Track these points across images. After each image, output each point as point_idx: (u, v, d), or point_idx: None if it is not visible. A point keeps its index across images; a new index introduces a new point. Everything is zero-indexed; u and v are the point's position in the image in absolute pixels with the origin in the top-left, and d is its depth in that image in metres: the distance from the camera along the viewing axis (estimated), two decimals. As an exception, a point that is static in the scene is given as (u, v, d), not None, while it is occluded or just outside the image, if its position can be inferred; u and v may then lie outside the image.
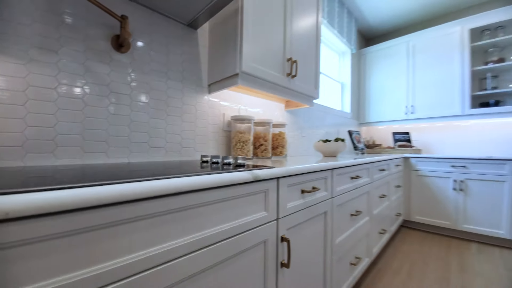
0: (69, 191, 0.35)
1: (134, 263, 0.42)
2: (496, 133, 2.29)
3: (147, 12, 1.00)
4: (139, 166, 0.73)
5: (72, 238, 0.36)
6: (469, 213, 2.03)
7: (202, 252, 0.53)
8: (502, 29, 2.20)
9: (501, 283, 1.41)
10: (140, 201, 0.43)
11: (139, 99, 0.98)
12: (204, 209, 0.55)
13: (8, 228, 0.30)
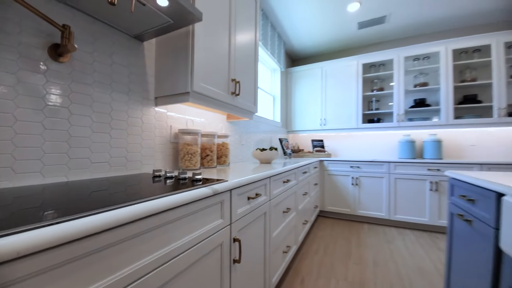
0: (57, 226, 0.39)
1: (113, 283, 0.47)
2: (379, 142, 3.15)
3: (89, 20, 0.95)
4: (82, 186, 0.72)
5: (58, 270, 0.40)
6: (362, 202, 2.73)
7: (170, 263, 0.61)
8: (383, 66, 3.06)
9: (383, 251, 2.00)
10: (113, 228, 0.47)
11: (79, 113, 0.92)
12: (171, 225, 0.63)
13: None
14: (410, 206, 2.49)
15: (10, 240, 0.33)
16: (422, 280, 1.56)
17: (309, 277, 1.59)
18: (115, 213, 0.47)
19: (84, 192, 0.65)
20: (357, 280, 1.56)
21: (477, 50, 2.57)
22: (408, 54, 2.73)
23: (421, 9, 2.44)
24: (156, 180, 0.88)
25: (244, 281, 1.01)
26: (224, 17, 1.36)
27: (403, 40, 3.06)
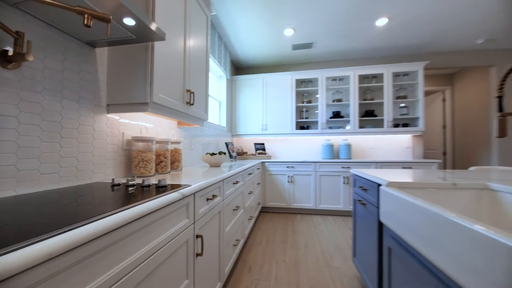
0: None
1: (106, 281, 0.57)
2: (308, 145, 3.74)
3: (41, 25, 0.92)
4: (33, 201, 0.74)
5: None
6: (296, 196, 3.21)
7: (148, 260, 0.71)
8: (311, 82, 3.66)
9: (311, 235, 2.45)
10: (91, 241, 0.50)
11: (28, 122, 0.88)
12: (150, 227, 0.75)
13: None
14: (330, 197, 3.11)
15: None
16: (339, 253, 2.04)
17: (255, 265, 1.84)
18: (100, 223, 0.57)
19: (37, 208, 0.68)
20: (292, 260, 1.91)
21: (374, 76, 3.43)
22: (328, 75, 3.39)
23: (338, 41, 3.09)
24: (117, 189, 0.92)
25: (204, 272, 1.16)
26: (180, 31, 1.46)
27: (326, 63, 3.75)
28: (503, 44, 3.21)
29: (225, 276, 1.48)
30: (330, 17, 2.52)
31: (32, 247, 0.39)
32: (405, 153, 3.46)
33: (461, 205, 1.02)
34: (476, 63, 3.38)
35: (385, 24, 2.65)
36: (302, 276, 1.68)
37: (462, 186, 1.02)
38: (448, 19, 2.58)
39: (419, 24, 2.68)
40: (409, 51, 3.44)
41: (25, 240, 0.41)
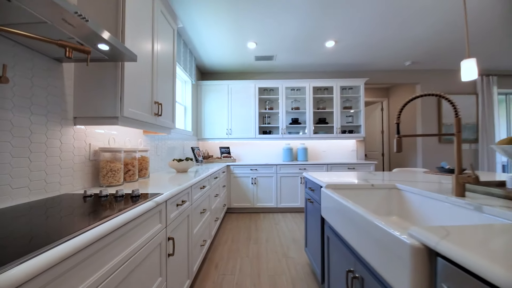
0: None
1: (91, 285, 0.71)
2: (270, 149, 4.03)
3: (11, 43, 0.94)
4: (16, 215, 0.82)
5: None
6: (259, 196, 3.46)
7: (126, 264, 0.85)
8: (272, 91, 3.96)
9: (272, 231, 2.71)
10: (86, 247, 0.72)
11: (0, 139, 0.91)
12: (129, 233, 0.87)
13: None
14: (289, 196, 3.44)
15: None
16: (295, 245, 2.34)
17: (221, 262, 2.01)
18: (79, 238, 0.69)
19: (20, 222, 0.76)
20: (255, 254, 2.13)
21: (326, 88, 3.90)
22: (288, 85, 3.73)
23: (295, 56, 3.44)
24: (90, 200, 1.01)
25: (175, 270, 1.29)
26: (148, 46, 1.55)
27: (286, 73, 4.10)
28: (425, 66, 3.98)
29: (194, 274, 1.62)
30: (287, 36, 2.83)
31: (31, 261, 0.51)
32: (350, 155, 4.01)
33: (377, 200, 1.36)
34: (405, 81, 4.11)
35: (333, 46, 3.07)
36: (263, 267, 1.91)
37: (378, 186, 1.36)
38: (383, 46, 3.12)
39: (360, 48, 3.18)
40: (353, 69, 4.00)
41: (27, 254, 0.52)
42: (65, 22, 0.81)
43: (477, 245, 0.48)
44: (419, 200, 1.17)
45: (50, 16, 0.77)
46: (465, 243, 0.49)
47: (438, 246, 0.52)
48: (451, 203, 0.97)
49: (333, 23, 2.54)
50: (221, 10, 2.32)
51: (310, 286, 1.65)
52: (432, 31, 2.74)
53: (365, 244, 0.83)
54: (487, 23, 2.57)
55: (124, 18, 1.26)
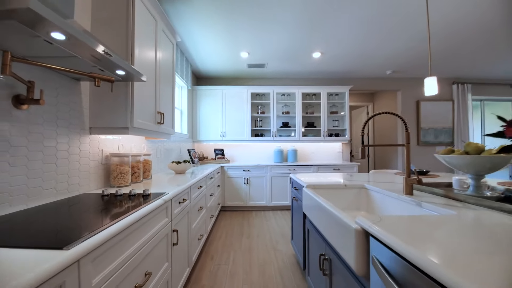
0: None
1: (125, 258, 0.92)
2: (262, 151, 4.27)
3: (41, 69, 1.14)
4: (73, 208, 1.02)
5: (104, 254, 0.84)
6: (251, 195, 3.69)
7: (144, 248, 1.07)
8: (264, 96, 4.19)
9: (263, 227, 2.95)
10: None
11: (34, 149, 1.10)
12: (145, 225, 1.09)
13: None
14: (279, 195, 3.69)
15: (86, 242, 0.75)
16: (283, 239, 2.59)
17: (216, 254, 2.23)
18: (126, 220, 0.91)
19: (67, 215, 0.97)
20: (247, 248, 2.37)
21: (314, 94, 4.16)
22: (278, 91, 3.98)
23: (285, 65, 3.69)
24: (106, 199, 1.21)
25: (178, 257, 1.51)
26: (152, 62, 1.75)
27: (277, 80, 4.34)
28: (405, 75, 4.30)
29: (192, 263, 1.84)
30: (277, 47, 3.06)
31: (99, 234, 0.73)
32: (337, 156, 4.29)
33: (349, 198, 1.61)
34: (387, 88, 4.42)
35: (319, 56, 3.33)
36: (254, 258, 2.15)
37: (350, 186, 1.61)
38: (365, 57, 3.40)
39: (344, 59, 3.45)
40: (339, 76, 4.29)
41: (94, 230, 0.74)
42: (93, 57, 1.02)
43: (394, 228, 0.73)
44: (381, 197, 1.43)
45: (82, 53, 0.98)
46: (387, 227, 0.73)
47: (369, 228, 0.76)
48: (401, 200, 1.23)
49: (319, 37, 2.79)
50: (217, 23, 2.53)
51: (294, 273, 1.90)
52: (409, 46, 3.03)
53: (331, 232, 1.08)
54: (461, 39, 2.88)
55: (133, 41, 1.47)
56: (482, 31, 2.67)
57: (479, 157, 1.06)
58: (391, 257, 0.65)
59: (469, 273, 0.44)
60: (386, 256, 0.67)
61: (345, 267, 0.99)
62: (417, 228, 0.70)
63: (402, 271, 0.60)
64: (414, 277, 0.55)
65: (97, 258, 0.72)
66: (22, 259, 0.55)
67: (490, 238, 0.62)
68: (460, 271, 0.45)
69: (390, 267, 0.65)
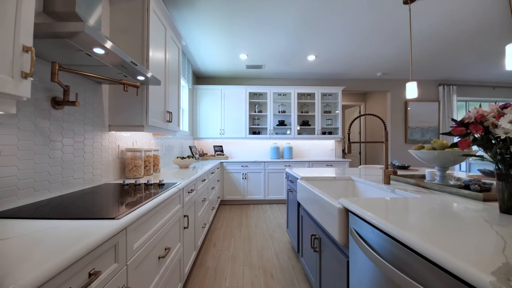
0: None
1: (153, 232, 1.12)
2: (259, 147, 4.48)
3: (72, 75, 1.31)
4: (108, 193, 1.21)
5: (144, 223, 1.04)
6: (249, 190, 3.90)
7: (164, 227, 1.27)
8: (261, 95, 4.39)
9: (261, 219, 3.17)
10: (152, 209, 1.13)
11: (66, 143, 1.28)
12: (164, 208, 1.29)
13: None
14: (276, 189, 3.91)
15: (134, 212, 0.95)
16: (279, 228, 2.81)
17: (218, 242, 2.44)
18: (154, 201, 1.11)
19: (109, 198, 1.16)
20: (246, 236, 2.58)
21: (309, 94, 4.38)
22: (275, 91, 4.18)
23: (282, 66, 3.89)
24: (127, 188, 1.40)
25: (188, 240, 1.71)
26: (162, 66, 1.93)
27: (273, 80, 4.54)
28: (394, 76, 4.55)
29: (198, 248, 2.04)
30: (274, 50, 3.26)
31: (141, 208, 0.93)
32: (330, 153, 4.54)
33: (338, 189, 1.84)
34: (377, 89, 4.67)
35: (314, 59, 3.55)
36: (253, 244, 2.36)
37: (338, 178, 1.84)
38: (357, 61, 3.63)
39: (337, 62, 3.68)
40: (332, 77, 4.51)
41: (135, 206, 0.93)
42: (121, 66, 1.20)
43: (368, 206, 0.94)
44: (364, 187, 1.66)
45: (113, 63, 1.16)
46: (363, 205, 0.95)
47: (348, 206, 0.98)
48: (379, 188, 1.45)
49: (313, 41, 3.00)
50: (218, 27, 2.70)
51: (289, 256, 2.12)
52: (398, 50, 3.27)
53: (321, 214, 1.29)
54: (446, 44, 3.12)
55: (148, 48, 1.64)
56: (467, 37, 2.91)
57: (443, 152, 1.29)
58: (364, 227, 0.86)
59: (419, 234, 0.66)
60: (361, 227, 0.89)
61: (331, 241, 1.21)
62: (385, 206, 0.92)
63: (372, 237, 0.81)
64: (381, 240, 0.77)
65: (137, 228, 0.91)
66: (89, 226, 0.74)
67: (443, 214, 0.84)
68: (414, 234, 0.67)
69: (364, 235, 0.87)
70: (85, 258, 0.61)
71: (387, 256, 0.71)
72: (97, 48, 0.99)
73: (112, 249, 0.75)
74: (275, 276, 1.81)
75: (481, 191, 1.12)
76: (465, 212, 0.82)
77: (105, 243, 0.70)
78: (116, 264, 0.77)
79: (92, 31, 0.88)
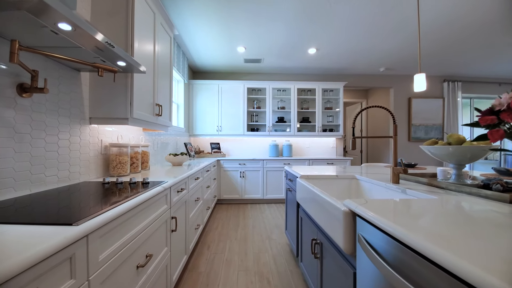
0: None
1: (127, 239, 0.98)
2: (258, 145, 4.33)
3: (43, 59, 1.17)
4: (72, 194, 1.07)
5: (110, 232, 0.89)
6: (247, 189, 3.76)
7: (145, 231, 1.13)
8: (260, 91, 4.24)
9: (258, 219, 3.03)
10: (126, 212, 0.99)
11: (37, 136, 1.14)
12: (146, 209, 1.14)
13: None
14: (274, 188, 3.77)
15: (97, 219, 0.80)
16: (277, 229, 2.67)
17: (213, 244, 2.30)
18: (130, 202, 0.96)
19: (78, 197, 1.02)
20: (243, 237, 2.44)
21: (309, 90, 4.23)
22: (274, 86, 4.03)
23: (281, 60, 3.74)
24: (108, 187, 1.26)
25: (176, 244, 1.57)
26: (151, 55, 1.78)
27: (273, 75, 4.38)
28: (397, 72, 4.39)
29: (190, 251, 1.90)
30: (274, 43, 3.11)
31: (107, 213, 0.78)
32: (331, 151, 4.39)
33: (340, 188, 1.69)
34: (380, 85, 4.52)
35: (315, 52, 3.39)
36: (249, 247, 2.22)
37: (341, 177, 1.69)
38: (359, 55, 3.47)
39: (338, 56, 3.52)
40: (333, 72, 4.36)
41: (101, 210, 0.79)
42: (96, 48, 1.05)
43: (379, 209, 0.80)
44: (370, 186, 1.52)
45: (85, 44, 1.01)
46: (372, 208, 0.81)
47: (356, 209, 0.84)
48: (388, 188, 1.31)
49: (314, 34, 2.85)
50: (214, 17, 2.55)
51: (288, 260, 1.98)
52: (402, 44, 3.11)
53: (322, 216, 1.15)
54: (450, 41, 2.97)
55: (133, 33, 1.49)
56: (473, 32, 2.76)
57: (460, 147, 1.14)
58: (376, 234, 0.72)
59: (445, 245, 0.52)
60: (371, 234, 0.75)
61: (335, 248, 1.07)
62: (399, 209, 0.78)
63: (386, 247, 0.67)
64: (397, 250, 0.62)
65: (104, 235, 0.77)
66: (38, 233, 0.60)
67: (467, 219, 0.69)
68: (439, 244, 0.53)
69: (375, 243, 0.72)
70: (21, 276, 0.47)
71: (409, 273, 0.56)
72: (62, 24, 0.84)
73: (67, 262, 0.61)
74: (272, 282, 1.67)
75: (504, 191, 0.99)
76: (497, 216, 0.68)
77: (55, 255, 0.56)
78: (72, 280, 0.62)
79: (51, 0, 0.73)
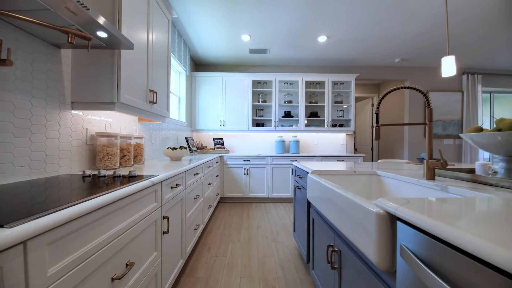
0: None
1: (96, 246, 0.78)
2: (263, 141, 4.12)
3: (10, 28, 0.98)
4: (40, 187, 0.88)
5: (60, 240, 0.69)
6: (251, 187, 3.56)
7: (126, 233, 0.93)
8: (266, 84, 4.02)
9: (263, 219, 2.82)
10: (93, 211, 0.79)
11: (2, 119, 0.95)
12: (127, 207, 0.95)
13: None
14: (281, 186, 3.56)
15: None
16: (284, 231, 2.46)
17: (213, 246, 2.10)
18: (99, 199, 0.77)
19: (37, 193, 0.83)
20: (246, 239, 2.24)
21: (318, 83, 3.98)
22: (281, 78, 3.80)
23: (289, 50, 3.50)
24: (88, 180, 1.07)
25: (170, 247, 1.38)
26: (143, 35, 1.59)
27: (279, 67, 4.16)
28: (413, 63, 4.10)
29: (187, 254, 1.71)
30: (281, 29, 2.88)
31: (58, 213, 0.59)
32: (341, 148, 4.14)
33: (359, 185, 1.47)
34: (394, 77, 4.23)
35: (325, 40, 3.15)
36: (253, 250, 2.02)
37: (360, 172, 1.47)
38: (373, 42, 3.21)
39: (351, 44, 3.27)
40: (344, 63, 4.10)
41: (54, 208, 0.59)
42: (67, 10, 0.86)
43: (429, 210, 0.58)
44: (396, 184, 1.29)
45: (53, 4, 0.82)
46: (420, 209, 0.59)
47: (397, 211, 0.62)
48: (421, 185, 1.08)
49: (324, 18, 2.61)
50: (216, 2, 2.35)
51: (296, 266, 1.77)
52: (419, 30, 2.84)
53: (343, 219, 0.93)
54: (472, 26, 2.68)
55: (120, 7, 1.30)
56: (494, 19, 2.47)
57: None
58: (429, 245, 0.50)
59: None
60: (421, 245, 0.53)
61: (360, 259, 0.85)
62: (455, 211, 0.55)
63: (446, 262, 0.45)
64: (463, 267, 0.40)
65: (57, 242, 0.57)
66: None
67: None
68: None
69: (428, 257, 0.50)
70: None
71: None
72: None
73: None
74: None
75: None
76: None
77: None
78: (-6, 308, 0.43)
79: None
